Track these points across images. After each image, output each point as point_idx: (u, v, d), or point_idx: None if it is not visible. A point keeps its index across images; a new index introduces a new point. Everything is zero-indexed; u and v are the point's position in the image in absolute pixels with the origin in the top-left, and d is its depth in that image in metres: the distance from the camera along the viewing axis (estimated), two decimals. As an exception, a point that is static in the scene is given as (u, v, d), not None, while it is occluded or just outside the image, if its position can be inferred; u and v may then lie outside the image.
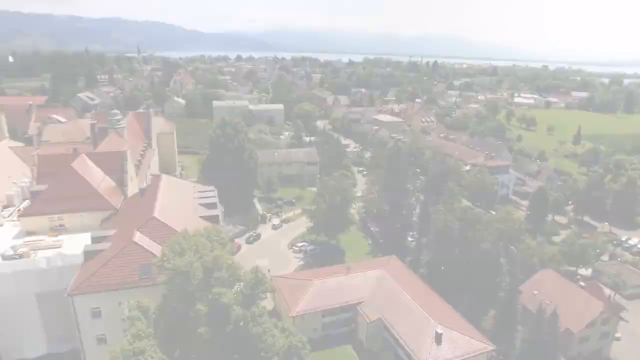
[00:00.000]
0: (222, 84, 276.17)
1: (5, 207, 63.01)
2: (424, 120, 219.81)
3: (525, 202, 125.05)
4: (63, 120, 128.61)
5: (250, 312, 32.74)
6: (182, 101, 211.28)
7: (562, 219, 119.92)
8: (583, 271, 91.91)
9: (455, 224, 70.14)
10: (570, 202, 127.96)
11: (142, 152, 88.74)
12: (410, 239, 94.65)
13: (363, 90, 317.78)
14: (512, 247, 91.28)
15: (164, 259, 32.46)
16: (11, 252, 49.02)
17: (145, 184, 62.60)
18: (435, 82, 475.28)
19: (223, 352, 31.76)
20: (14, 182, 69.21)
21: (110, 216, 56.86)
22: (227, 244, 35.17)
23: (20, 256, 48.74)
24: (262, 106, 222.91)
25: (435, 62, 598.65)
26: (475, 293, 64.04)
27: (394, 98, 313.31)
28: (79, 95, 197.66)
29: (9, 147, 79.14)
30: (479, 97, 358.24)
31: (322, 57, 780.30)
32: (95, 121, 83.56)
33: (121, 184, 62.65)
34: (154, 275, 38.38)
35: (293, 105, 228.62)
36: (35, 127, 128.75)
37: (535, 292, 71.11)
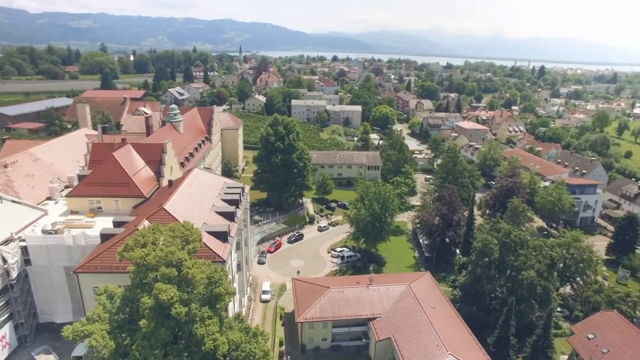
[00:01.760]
0: (306, 84, 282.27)
1: (66, 187, 70.85)
2: (511, 129, 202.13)
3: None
4: (149, 112, 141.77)
5: (199, 312, 32.41)
6: (263, 99, 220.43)
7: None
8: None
9: (496, 245, 62.92)
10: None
11: (197, 146, 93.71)
12: (460, 256, 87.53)
13: (452, 95, 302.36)
14: (579, 279, 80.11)
15: (126, 248, 33.57)
16: (49, 227, 54.89)
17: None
18: (539, 89, 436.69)
19: (166, 349, 31.90)
20: (80, 166, 77.68)
21: (140, 203, 60.91)
22: (192, 242, 35.13)
23: (55, 232, 54.30)
24: (340, 107, 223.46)
25: (542, 67, 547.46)
26: (508, 326, 56.59)
27: (483, 105, 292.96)
28: (170, 90, 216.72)
29: (85, 134, 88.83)
30: (588, 107, 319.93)
31: (421, 60, 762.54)
32: (150, 115, 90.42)
33: (158, 173, 66.83)
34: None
35: (373, 107, 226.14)
36: (126, 118, 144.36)
37: (591, 336, 60.76)
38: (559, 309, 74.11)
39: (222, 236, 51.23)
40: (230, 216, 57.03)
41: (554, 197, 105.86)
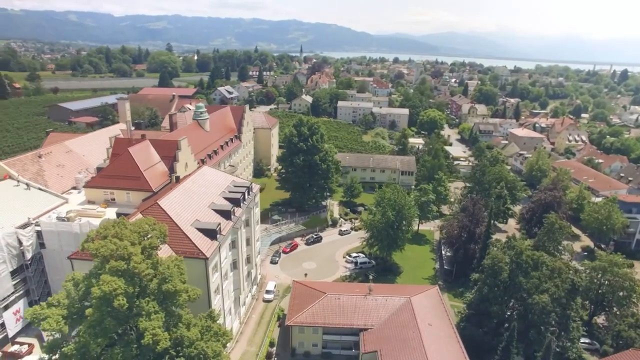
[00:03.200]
0: (359, 85, 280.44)
1: (93, 177, 75.74)
2: (571, 138, 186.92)
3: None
4: (192, 109, 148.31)
5: (147, 307, 33.01)
6: (309, 99, 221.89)
7: None
8: None
9: (507, 264, 58.23)
10: None
11: (223, 144, 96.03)
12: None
13: (512, 100, 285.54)
14: (616, 310, 71.99)
15: (87, 239, 35.04)
16: (64, 215, 58.92)
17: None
18: (618, 96, 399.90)
19: (111, 339, 32.90)
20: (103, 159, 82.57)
21: (148, 197, 63.49)
22: (150, 238, 35.88)
23: (68, 219, 58.16)
24: (386, 109, 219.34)
25: (624, 70, 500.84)
26: (509, 353, 52.09)
27: (545, 111, 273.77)
28: (219, 89, 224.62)
29: (120, 129, 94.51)
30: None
31: (488, 63, 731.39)
32: (175, 112, 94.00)
33: (171, 169, 69.35)
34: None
35: (422, 110, 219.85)
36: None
37: (613, 374, 54.39)
38: (587, 341, 67.45)
39: (211, 234, 51.97)
40: (226, 214, 57.78)
41: (601, 214, 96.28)
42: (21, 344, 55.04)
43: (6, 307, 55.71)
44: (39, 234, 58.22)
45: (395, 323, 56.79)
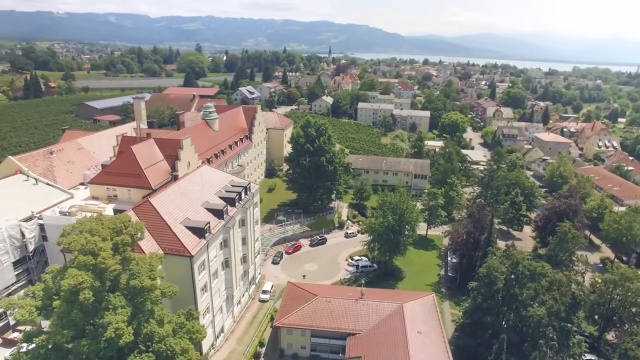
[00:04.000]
0: (383, 86, 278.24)
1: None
2: (601, 144, 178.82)
3: None
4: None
5: (114, 300, 33.79)
6: (330, 100, 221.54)
7: None
8: None
9: (502, 274, 56.22)
10: None
11: (231, 143, 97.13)
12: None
13: (541, 103, 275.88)
14: (627, 326, 68.27)
15: (63, 234, 36.21)
16: (66, 210, 61.15)
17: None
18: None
19: (77, 330, 33.86)
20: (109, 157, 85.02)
21: (148, 194, 64.90)
22: (123, 234, 36.68)
23: (69, 214, 60.31)
24: (407, 111, 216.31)
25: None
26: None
27: (576, 115, 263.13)
28: (240, 89, 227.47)
29: (133, 128, 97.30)
30: None
31: (523, 65, 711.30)
32: (182, 112, 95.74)
33: (173, 167, 70.72)
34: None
35: (444, 113, 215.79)
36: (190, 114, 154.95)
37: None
38: (593, 357, 64.43)
39: (200, 232, 52.66)
40: (219, 214, 58.41)
41: (622, 225, 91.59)
42: (21, 331, 57.44)
43: (8, 296, 58.29)
44: (41, 227, 60.74)
45: (384, 329, 55.83)
